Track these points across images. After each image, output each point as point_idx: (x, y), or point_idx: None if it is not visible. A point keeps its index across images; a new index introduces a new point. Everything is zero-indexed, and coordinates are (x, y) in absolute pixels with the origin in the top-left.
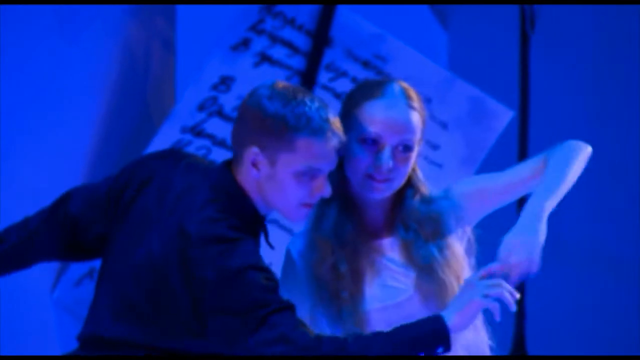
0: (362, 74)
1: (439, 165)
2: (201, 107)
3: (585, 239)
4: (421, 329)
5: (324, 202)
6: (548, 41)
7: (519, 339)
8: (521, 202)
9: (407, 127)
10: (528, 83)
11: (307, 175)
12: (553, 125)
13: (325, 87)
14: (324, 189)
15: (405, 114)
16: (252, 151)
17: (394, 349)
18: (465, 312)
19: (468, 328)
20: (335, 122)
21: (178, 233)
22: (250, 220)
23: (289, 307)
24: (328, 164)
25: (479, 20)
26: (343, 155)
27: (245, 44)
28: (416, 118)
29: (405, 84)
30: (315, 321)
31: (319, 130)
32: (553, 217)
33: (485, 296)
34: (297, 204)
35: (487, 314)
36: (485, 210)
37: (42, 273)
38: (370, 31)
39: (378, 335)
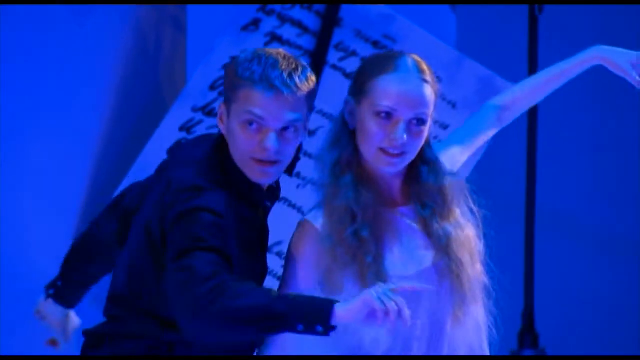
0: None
1: None
2: (212, 87)
3: (593, 218)
4: (308, 301)
5: (337, 176)
6: (556, 22)
7: (528, 315)
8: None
9: (421, 100)
10: (536, 64)
11: (253, 125)
12: (560, 104)
13: (335, 67)
14: (268, 142)
15: (419, 87)
16: (220, 104)
17: (271, 304)
18: (356, 305)
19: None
20: (290, 83)
21: (165, 186)
22: (237, 180)
23: (220, 252)
24: (271, 117)
25: (487, 2)
26: (355, 129)
27: (255, 24)
28: (429, 91)
29: (417, 57)
30: (327, 289)
31: (259, 81)
32: (560, 198)
33: (379, 300)
34: (248, 157)
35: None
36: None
37: (48, 255)
38: (379, 11)
39: (266, 289)
